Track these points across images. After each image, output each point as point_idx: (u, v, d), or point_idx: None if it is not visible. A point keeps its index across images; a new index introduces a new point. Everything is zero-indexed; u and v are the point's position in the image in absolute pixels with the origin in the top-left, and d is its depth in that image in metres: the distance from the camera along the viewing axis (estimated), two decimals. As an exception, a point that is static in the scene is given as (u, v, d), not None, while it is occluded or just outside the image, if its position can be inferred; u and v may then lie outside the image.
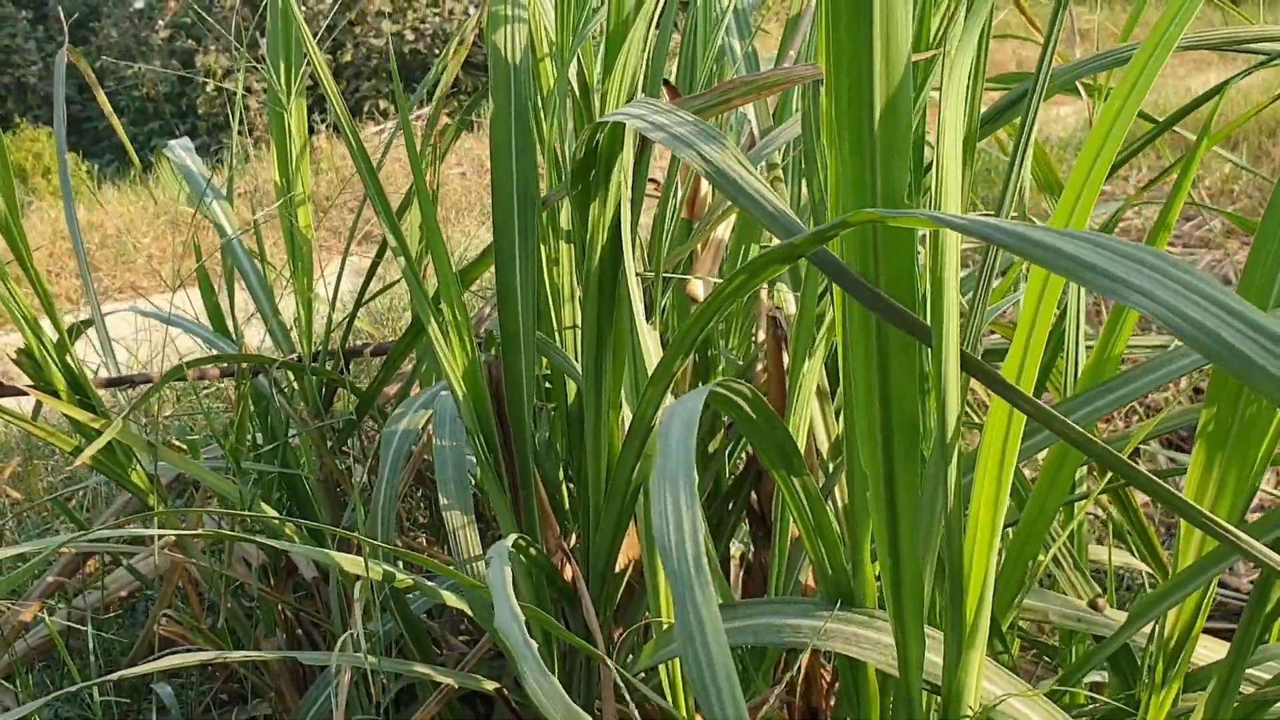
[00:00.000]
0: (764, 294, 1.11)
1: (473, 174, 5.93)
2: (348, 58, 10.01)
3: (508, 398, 1.11)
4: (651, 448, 1.02)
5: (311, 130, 7.25)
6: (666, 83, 1.21)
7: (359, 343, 1.54)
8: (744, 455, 1.26)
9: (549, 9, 1.09)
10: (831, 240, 0.67)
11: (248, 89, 8.66)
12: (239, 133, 1.60)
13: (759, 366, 1.23)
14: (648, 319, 1.21)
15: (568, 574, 1.15)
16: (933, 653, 0.78)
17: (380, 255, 1.49)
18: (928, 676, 0.79)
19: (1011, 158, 0.78)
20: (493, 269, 1.09)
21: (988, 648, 0.88)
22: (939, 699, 0.78)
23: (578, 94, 1.13)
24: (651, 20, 0.97)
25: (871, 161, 0.66)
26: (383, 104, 10.07)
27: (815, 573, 0.88)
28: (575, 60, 1.08)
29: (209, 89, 10.52)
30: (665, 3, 1.07)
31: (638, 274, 1.04)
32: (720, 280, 1.17)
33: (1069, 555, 1.02)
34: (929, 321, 0.68)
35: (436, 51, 10.05)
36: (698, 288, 1.19)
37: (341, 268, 1.64)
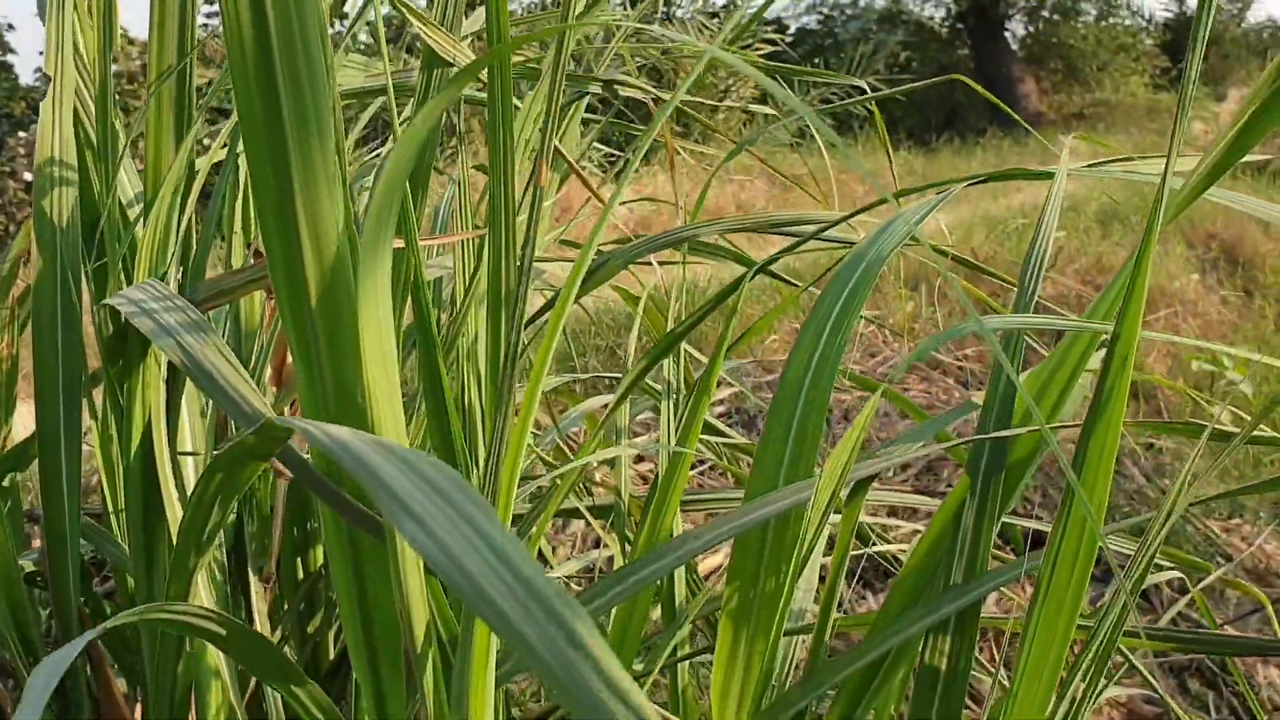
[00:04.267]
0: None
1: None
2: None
3: (53, 587, 1.01)
4: (198, 648, 0.94)
5: None
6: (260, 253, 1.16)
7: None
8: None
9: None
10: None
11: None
12: None
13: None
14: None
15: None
16: None
17: None
18: None
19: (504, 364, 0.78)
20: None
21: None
22: None
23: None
24: (188, 195, 0.92)
25: (317, 356, 0.63)
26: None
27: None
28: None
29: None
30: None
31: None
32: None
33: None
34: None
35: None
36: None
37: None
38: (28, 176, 9.93)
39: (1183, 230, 4.62)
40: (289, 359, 1.17)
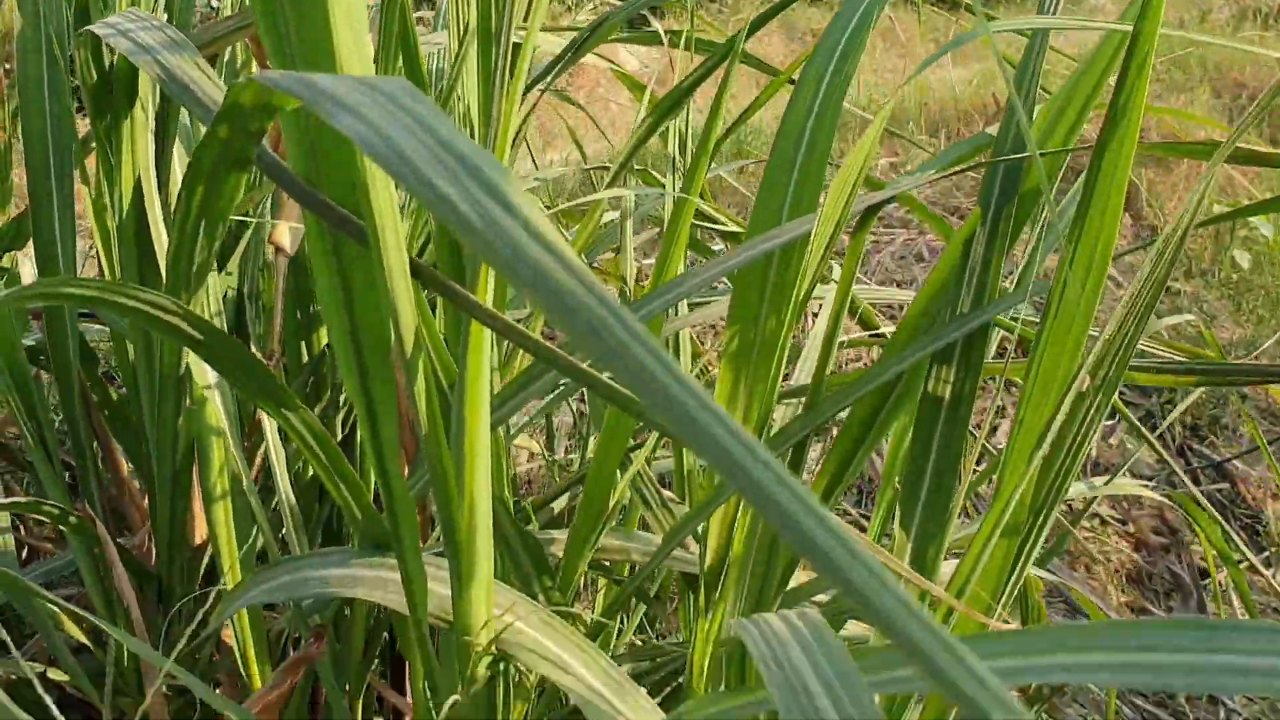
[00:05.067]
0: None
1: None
2: None
3: (53, 356, 1.00)
4: (198, 400, 0.94)
5: None
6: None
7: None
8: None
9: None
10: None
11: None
12: None
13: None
14: (221, 270, 1.13)
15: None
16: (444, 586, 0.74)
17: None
18: (441, 612, 0.74)
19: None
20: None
21: (547, 595, 0.84)
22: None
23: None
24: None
25: (285, 27, 0.60)
26: None
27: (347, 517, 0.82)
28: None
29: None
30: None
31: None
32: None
33: (653, 491, 1.00)
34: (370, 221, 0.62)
35: None
36: (283, 234, 1.10)
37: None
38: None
39: (1210, 78, 4.49)
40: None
